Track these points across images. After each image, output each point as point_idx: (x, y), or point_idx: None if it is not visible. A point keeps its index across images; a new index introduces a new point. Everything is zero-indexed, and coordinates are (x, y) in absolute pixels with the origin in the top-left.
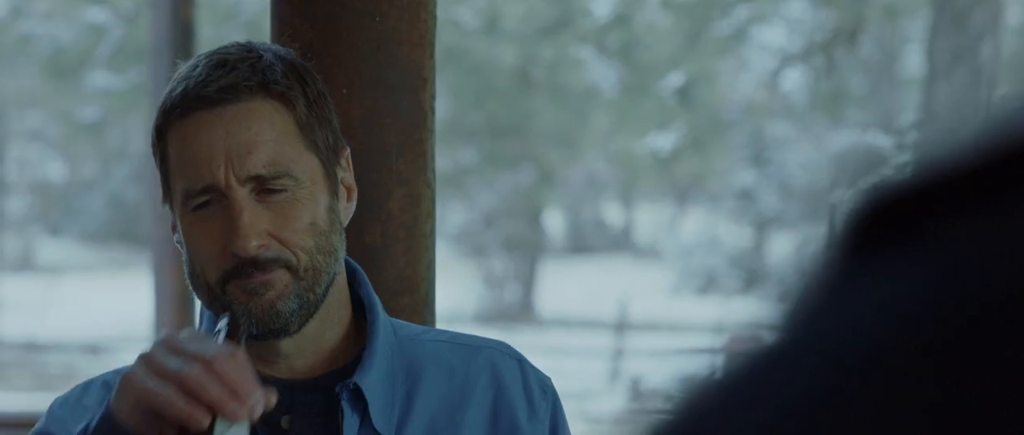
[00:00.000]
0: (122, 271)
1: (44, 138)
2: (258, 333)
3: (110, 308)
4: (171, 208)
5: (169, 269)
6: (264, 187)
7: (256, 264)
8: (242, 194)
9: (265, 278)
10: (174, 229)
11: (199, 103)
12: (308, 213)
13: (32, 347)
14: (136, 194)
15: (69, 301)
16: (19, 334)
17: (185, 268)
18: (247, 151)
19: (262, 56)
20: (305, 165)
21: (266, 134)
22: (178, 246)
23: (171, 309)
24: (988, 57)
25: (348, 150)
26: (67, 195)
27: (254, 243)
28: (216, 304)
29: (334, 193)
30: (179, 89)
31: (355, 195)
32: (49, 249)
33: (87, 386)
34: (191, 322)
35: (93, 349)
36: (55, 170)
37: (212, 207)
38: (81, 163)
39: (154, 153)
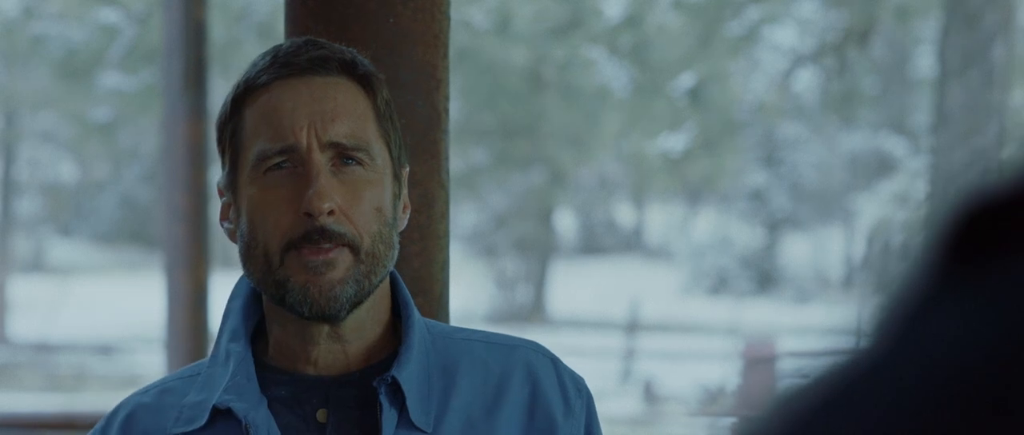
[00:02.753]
0: (133, 272)
1: (56, 139)
2: (310, 315)
3: (121, 309)
4: (233, 185)
5: (181, 270)
6: (342, 156)
7: (325, 234)
8: (321, 159)
9: (329, 255)
10: (225, 215)
11: (287, 70)
12: (377, 197)
13: (43, 348)
14: (147, 195)
15: (80, 302)
16: (30, 335)
17: (239, 242)
18: (332, 118)
19: (351, 49)
20: (380, 150)
21: (350, 108)
22: (227, 230)
23: (183, 310)
24: (1000, 58)
25: (408, 169)
26: (78, 196)
27: (327, 205)
28: (269, 279)
29: (397, 195)
30: (266, 61)
31: (408, 212)
32: (60, 250)
33: (106, 426)
34: (203, 323)
35: (104, 350)
36: (66, 171)
37: (285, 172)
38: (92, 164)
39: (223, 128)
